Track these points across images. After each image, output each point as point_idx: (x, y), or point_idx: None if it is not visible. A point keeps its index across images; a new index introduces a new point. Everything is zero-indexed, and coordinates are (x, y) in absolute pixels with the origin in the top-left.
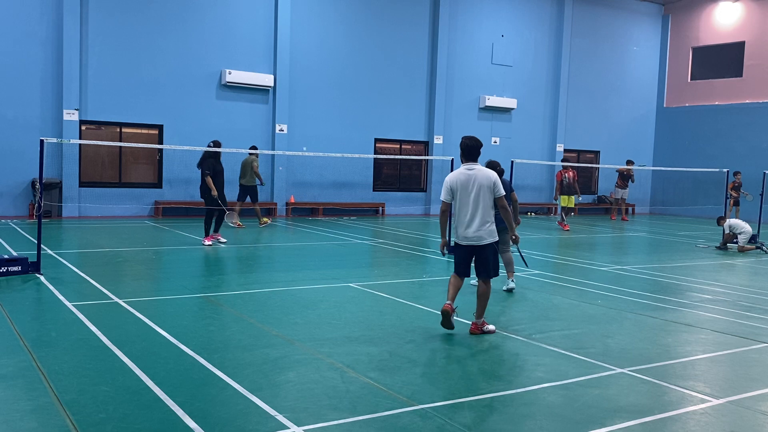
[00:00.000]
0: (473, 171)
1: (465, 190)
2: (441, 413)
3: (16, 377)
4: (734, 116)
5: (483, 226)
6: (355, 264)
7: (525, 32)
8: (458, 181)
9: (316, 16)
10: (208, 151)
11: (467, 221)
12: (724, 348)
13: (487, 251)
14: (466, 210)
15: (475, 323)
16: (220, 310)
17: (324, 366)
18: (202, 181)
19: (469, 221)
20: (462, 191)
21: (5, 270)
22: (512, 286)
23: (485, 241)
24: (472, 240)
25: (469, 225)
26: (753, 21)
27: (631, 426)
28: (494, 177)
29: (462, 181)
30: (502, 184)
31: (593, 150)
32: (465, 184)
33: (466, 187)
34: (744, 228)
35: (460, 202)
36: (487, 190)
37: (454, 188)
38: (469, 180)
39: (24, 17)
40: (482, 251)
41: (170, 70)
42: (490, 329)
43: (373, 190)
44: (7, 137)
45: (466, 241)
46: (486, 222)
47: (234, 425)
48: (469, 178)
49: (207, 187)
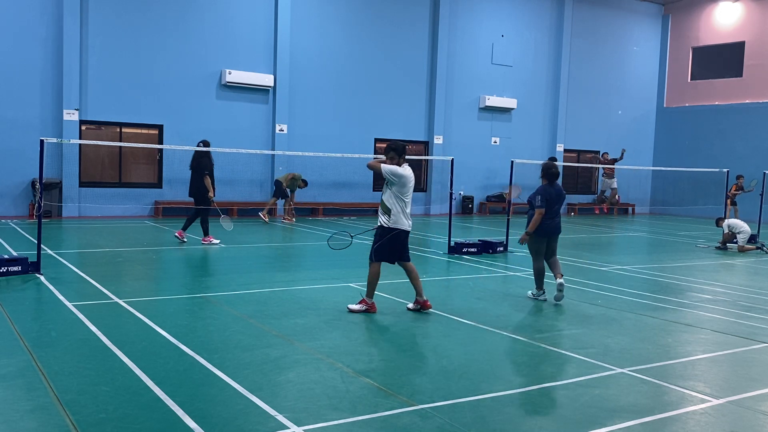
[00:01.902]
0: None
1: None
2: (441, 413)
3: (16, 377)
4: (734, 116)
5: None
6: (355, 264)
7: (525, 32)
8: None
9: (316, 16)
10: (201, 151)
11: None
12: (724, 348)
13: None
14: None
15: (424, 301)
16: (220, 310)
17: (324, 366)
18: (196, 181)
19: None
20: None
21: (5, 270)
22: (562, 281)
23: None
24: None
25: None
26: (753, 21)
27: (631, 426)
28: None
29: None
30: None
31: (593, 150)
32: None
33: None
34: (743, 228)
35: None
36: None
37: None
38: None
39: (24, 17)
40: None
41: (170, 70)
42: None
43: (373, 190)
44: (7, 137)
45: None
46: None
47: (234, 425)
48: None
49: (204, 186)
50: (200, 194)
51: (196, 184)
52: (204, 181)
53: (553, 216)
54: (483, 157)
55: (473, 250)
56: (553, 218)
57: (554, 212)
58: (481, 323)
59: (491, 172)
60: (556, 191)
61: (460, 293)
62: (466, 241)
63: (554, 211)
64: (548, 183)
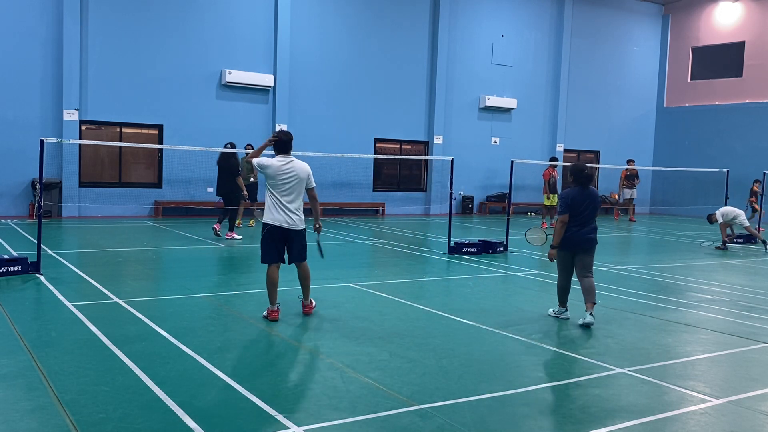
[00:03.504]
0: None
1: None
2: (441, 413)
3: (16, 377)
4: (734, 116)
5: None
6: (355, 264)
7: (525, 32)
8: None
9: (316, 16)
10: (229, 152)
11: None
12: (724, 348)
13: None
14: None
15: (307, 304)
16: (220, 310)
17: (324, 366)
18: (227, 181)
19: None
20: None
21: (5, 270)
22: (590, 320)
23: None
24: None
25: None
26: (753, 21)
27: (631, 426)
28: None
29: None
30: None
31: (593, 150)
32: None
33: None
34: (735, 211)
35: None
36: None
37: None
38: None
39: (24, 17)
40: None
41: (170, 70)
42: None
43: (373, 190)
44: (7, 137)
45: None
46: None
47: (234, 425)
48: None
49: (236, 186)
50: (232, 193)
51: (228, 184)
52: (237, 181)
53: (582, 224)
54: (483, 157)
55: (473, 250)
56: (581, 227)
57: (583, 220)
58: (481, 323)
59: (491, 172)
60: (586, 194)
61: (460, 293)
62: (466, 241)
63: (583, 218)
64: (580, 187)
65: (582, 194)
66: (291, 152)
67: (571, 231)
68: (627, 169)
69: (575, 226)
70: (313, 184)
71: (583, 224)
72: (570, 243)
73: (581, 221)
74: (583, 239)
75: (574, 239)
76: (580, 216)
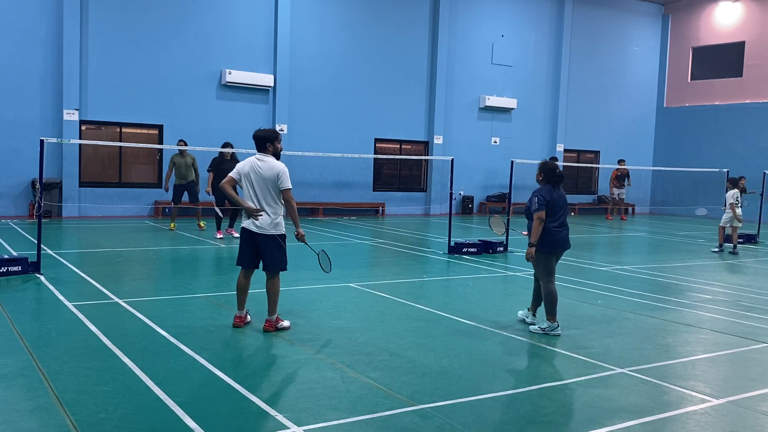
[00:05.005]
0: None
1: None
2: (441, 413)
3: (16, 377)
4: (734, 116)
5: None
6: (355, 264)
7: (525, 32)
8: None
9: (316, 17)
10: (225, 157)
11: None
12: (724, 348)
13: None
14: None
15: (269, 320)
16: (220, 310)
17: (324, 366)
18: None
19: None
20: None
21: (5, 270)
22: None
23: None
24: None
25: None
26: (753, 21)
27: (631, 426)
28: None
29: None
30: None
31: (593, 150)
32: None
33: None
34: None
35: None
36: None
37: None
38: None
39: (24, 17)
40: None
41: (170, 70)
42: (284, 326)
43: (373, 190)
44: (7, 137)
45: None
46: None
47: (234, 425)
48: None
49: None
50: (219, 192)
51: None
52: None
53: (562, 224)
54: (483, 157)
55: (473, 250)
56: (561, 227)
57: (562, 220)
58: (481, 323)
59: (491, 172)
60: (560, 195)
61: (460, 293)
62: (466, 241)
63: (562, 218)
64: (551, 186)
65: (556, 194)
66: (267, 150)
67: (554, 231)
68: (618, 169)
69: (557, 227)
70: (287, 185)
71: (562, 224)
72: (555, 244)
73: (561, 221)
74: (566, 240)
75: (558, 240)
76: (558, 216)
